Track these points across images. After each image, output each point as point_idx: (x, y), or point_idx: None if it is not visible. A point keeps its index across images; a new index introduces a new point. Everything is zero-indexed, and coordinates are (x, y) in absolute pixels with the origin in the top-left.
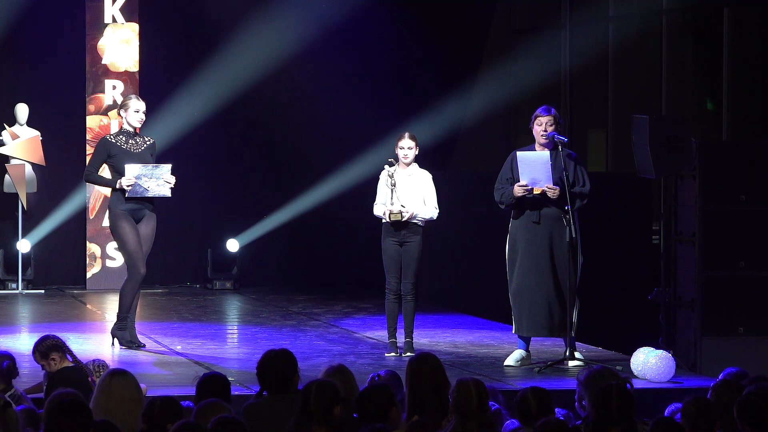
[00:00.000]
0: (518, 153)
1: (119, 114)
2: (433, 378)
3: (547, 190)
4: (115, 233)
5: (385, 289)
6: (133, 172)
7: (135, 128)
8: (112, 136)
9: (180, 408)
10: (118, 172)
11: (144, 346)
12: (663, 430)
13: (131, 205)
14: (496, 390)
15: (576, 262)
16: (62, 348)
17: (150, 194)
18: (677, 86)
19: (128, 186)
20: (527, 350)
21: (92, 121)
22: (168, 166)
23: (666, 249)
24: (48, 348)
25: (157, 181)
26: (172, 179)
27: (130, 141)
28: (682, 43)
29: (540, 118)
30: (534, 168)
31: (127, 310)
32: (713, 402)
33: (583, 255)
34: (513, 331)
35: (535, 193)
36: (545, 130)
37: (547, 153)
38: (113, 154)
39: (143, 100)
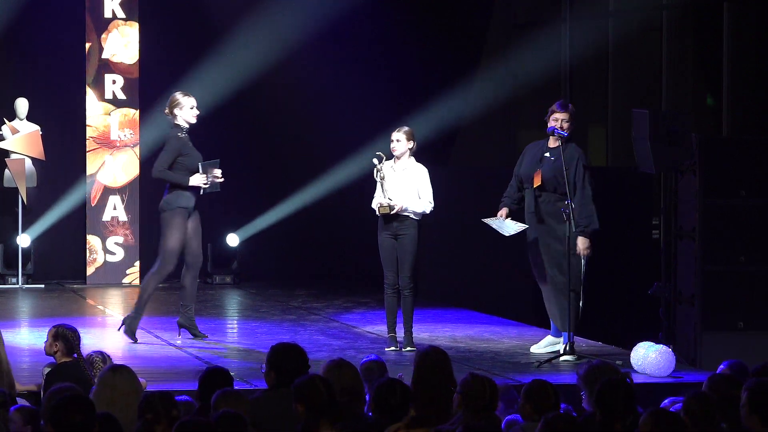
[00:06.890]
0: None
1: (172, 113)
2: (441, 372)
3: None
4: (167, 226)
5: (383, 284)
6: (203, 169)
7: (190, 125)
8: (182, 134)
9: (175, 402)
10: (188, 170)
11: (206, 336)
12: (661, 422)
13: (191, 201)
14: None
15: (578, 257)
16: (71, 342)
17: (210, 190)
18: (677, 81)
19: (204, 184)
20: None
21: (92, 116)
22: (216, 161)
23: (666, 244)
24: (64, 335)
25: (211, 177)
26: (219, 173)
27: (190, 138)
28: (682, 38)
29: (556, 114)
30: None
31: (146, 302)
32: (715, 396)
33: None
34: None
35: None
36: (561, 127)
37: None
38: (185, 153)
39: (143, 95)
